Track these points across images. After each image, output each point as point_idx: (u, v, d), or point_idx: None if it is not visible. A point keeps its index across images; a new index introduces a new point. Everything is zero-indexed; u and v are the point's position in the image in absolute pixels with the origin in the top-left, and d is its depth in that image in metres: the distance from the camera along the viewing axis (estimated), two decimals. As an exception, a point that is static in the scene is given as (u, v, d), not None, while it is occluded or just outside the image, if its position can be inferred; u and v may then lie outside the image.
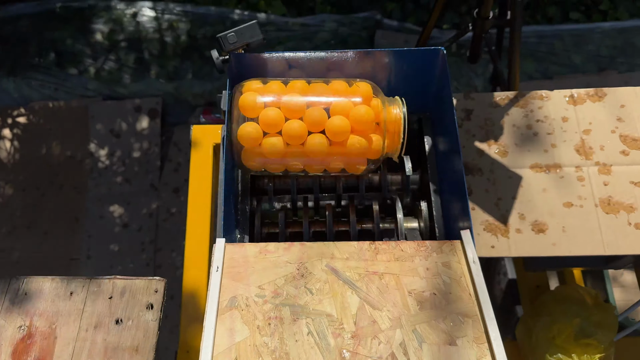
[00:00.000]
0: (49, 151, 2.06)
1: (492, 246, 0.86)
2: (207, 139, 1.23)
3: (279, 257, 0.72)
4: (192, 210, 1.16)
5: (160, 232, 1.91)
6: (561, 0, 2.27)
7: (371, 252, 0.74)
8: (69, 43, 2.12)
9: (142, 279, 0.73)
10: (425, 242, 0.75)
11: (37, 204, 1.97)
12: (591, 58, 2.14)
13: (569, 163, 0.91)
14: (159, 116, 2.08)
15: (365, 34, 2.16)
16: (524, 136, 0.93)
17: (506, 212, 0.88)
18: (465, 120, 0.95)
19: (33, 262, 1.86)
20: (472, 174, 0.91)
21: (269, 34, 2.12)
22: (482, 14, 1.18)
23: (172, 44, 2.12)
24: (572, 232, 0.87)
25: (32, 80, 2.11)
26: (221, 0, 2.23)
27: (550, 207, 0.88)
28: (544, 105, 0.95)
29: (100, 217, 1.92)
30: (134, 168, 2.01)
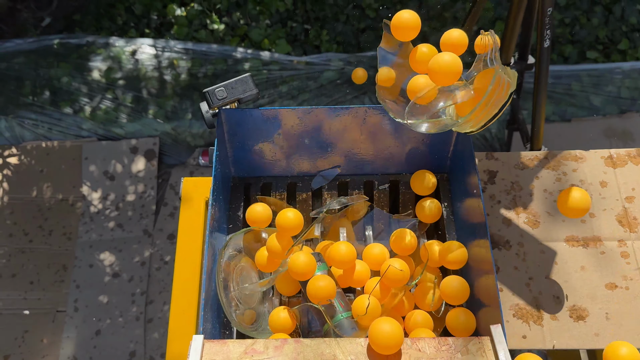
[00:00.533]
0: (40, 194, 1.95)
1: (524, 336, 0.73)
2: (199, 193, 1.12)
3: (268, 359, 0.60)
4: (179, 273, 1.04)
5: (153, 283, 1.78)
6: (578, 40, 2.18)
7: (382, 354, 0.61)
8: (65, 81, 2.04)
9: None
10: (447, 339, 0.62)
11: (24, 250, 1.86)
12: (611, 100, 2.03)
13: (610, 236, 0.78)
14: (156, 157, 1.97)
15: (372, 73, 2.06)
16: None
17: (539, 295, 0.75)
18: (489, 183, 0.83)
19: (16, 315, 1.74)
20: (498, 248, 0.79)
21: (272, 73, 2.03)
22: (503, 60, 1.08)
23: (171, 83, 2.04)
24: (617, 319, 0.73)
25: (26, 120, 2.02)
26: (223, 38, 2.16)
27: (591, 289, 0.75)
28: (579, 167, 0.83)
29: (90, 266, 1.80)
30: (128, 212, 1.90)
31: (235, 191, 0.86)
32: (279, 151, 0.83)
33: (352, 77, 0.73)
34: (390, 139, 0.82)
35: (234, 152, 0.83)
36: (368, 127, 0.80)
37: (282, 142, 0.82)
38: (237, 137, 0.81)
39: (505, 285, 0.76)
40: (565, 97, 2.05)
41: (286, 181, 0.86)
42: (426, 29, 2.17)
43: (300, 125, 0.79)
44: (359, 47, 2.17)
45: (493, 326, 0.62)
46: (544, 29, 0.91)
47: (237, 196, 0.85)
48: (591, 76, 2.06)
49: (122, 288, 1.76)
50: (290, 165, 0.86)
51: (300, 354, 0.60)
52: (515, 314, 0.74)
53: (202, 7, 2.22)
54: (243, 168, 0.86)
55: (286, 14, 2.22)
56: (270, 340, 0.61)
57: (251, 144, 0.82)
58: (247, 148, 0.83)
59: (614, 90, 2.04)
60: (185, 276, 1.04)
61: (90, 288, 1.76)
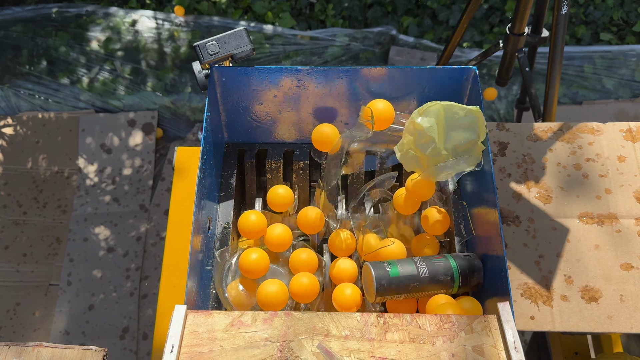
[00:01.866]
0: (35, 166, 1.91)
1: (532, 317, 0.68)
2: (194, 164, 1.07)
3: (257, 332, 0.55)
4: (170, 246, 1.00)
5: (148, 258, 1.74)
6: (591, 20, 2.10)
7: (379, 329, 0.56)
8: (63, 51, 1.99)
9: (74, 349, 0.57)
10: (450, 316, 0.57)
11: (18, 222, 1.82)
12: (625, 83, 1.96)
13: (627, 214, 0.73)
14: (154, 131, 1.92)
15: (379, 49, 2.00)
16: (571, 178, 0.76)
17: (549, 274, 0.70)
18: (499, 155, 0.78)
19: (8, 287, 1.70)
20: (507, 223, 0.74)
21: (275, 47, 1.96)
22: (517, 30, 1.02)
23: (171, 55, 1.98)
24: (633, 302, 0.69)
25: (22, 89, 1.97)
26: (226, 11, 2.09)
27: (605, 269, 0.70)
28: (596, 140, 0.78)
29: (84, 240, 1.76)
30: (124, 187, 1.85)
31: (228, 158, 0.81)
32: (276, 115, 0.78)
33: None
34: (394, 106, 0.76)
35: (227, 115, 0.78)
36: (372, 91, 0.75)
37: (279, 106, 0.77)
38: (231, 99, 0.76)
39: (514, 263, 0.71)
40: (577, 80, 1.98)
41: (283, 148, 0.81)
42: (436, 5, 2.10)
43: (299, 86, 0.74)
44: (366, 23, 2.10)
45: (500, 303, 0.57)
46: (563, -6, 0.85)
47: (230, 163, 0.80)
48: (604, 58, 2.00)
49: (116, 263, 1.72)
50: (287, 131, 0.81)
51: (290, 328, 0.56)
52: (524, 294, 0.70)
53: (204, -22, 2.15)
54: (237, 133, 0.81)
55: (291, -13, 2.16)
56: (259, 312, 0.57)
57: (246, 107, 0.77)
58: (241, 111, 0.77)
59: (628, 74, 1.97)
60: (177, 249, 0.99)
61: (84, 262, 1.72)
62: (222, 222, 0.76)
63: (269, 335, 0.55)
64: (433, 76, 0.72)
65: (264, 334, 0.55)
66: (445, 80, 0.72)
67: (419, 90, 0.74)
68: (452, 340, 0.56)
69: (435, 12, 2.10)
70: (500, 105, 1.91)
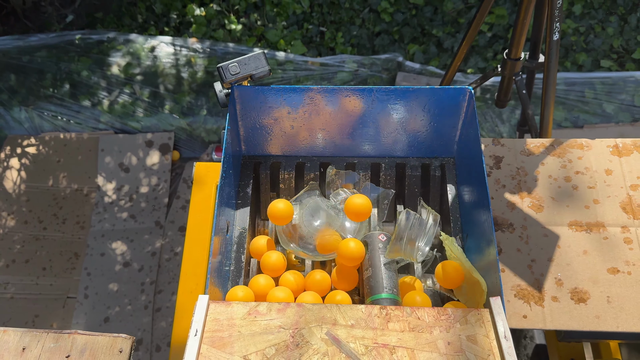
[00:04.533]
0: (56, 183, 1.99)
1: (524, 316, 0.74)
2: (211, 177, 1.14)
3: (271, 320, 0.61)
4: (188, 253, 1.06)
5: (162, 273, 1.80)
6: (592, 48, 2.18)
7: (381, 319, 0.62)
8: (85, 75, 2.09)
9: (105, 336, 0.63)
10: (447, 309, 0.63)
11: (38, 237, 1.90)
12: (625, 108, 2.03)
13: (613, 222, 0.79)
14: (171, 152, 2.01)
15: (386, 75, 2.09)
16: (562, 189, 0.82)
17: (541, 277, 0.76)
18: (495, 168, 0.85)
19: (28, 300, 1.77)
20: (501, 230, 0.80)
21: (287, 73, 2.06)
22: (513, 55, 1.09)
23: (188, 80, 2.08)
24: (619, 303, 0.74)
25: (45, 111, 2.07)
26: (241, 39, 2.20)
27: (593, 272, 0.76)
28: (585, 155, 0.84)
29: (102, 255, 1.83)
30: (141, 204, 1.93)
31: (245, 169, 0.88)
32: (289, 131, 0.85)
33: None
34: (397, 123, 0.83)
35: (245, 130, 0.85)
36: (376, 109, 0.82)
37: (292, 122, 0.84)
38: (249, 115, 0.83)
39: (508, 267, 0.77)
40: (579, 104, 2.05)
41: (295, 161, 0.88)
42: (441, 34, 2.19)
43: (311, 104, 0.81)
44: (374, 50, 2.20)
45: (492, 298, 0.63)
46: (554, 22, 0.93)
47: (247, 174, 0.87)
48: (605, 84, 2.06)
49: (132, 277, 1.79)
50: (299, 145, 0.88)
51: (302, 317, 0.62)
52: (517, 294, 0.75)
53: (220, 8, 2.26)
54: (253, 146, 0.88)
55: (302, 16, 2.26)
56: (273, 303, 0.63)
57: (262, 123, 0.84)
58: (257, 126, 0.85)
59: (627, 99, 2.04)
60: (194, 257, 1.06)
61: (100, 276, 1.79)
62: (239, 227, 0.82)
63: (282, 323, 0.61)
64: (433, 96, 0.79)
65: (278, 322, 0.61)
66: (444, 100, 0.79)
67: (421, 108, 0.81)
68: (448, 330, 0.61)
69: (440, 40, 2.19)
70: (504, 129, 1.98)
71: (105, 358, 0.62)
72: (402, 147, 0.87)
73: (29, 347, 0.63)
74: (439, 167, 0.86)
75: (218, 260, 0.74)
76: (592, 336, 0.89)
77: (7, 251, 1.85)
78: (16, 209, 1.94)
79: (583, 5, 2.27)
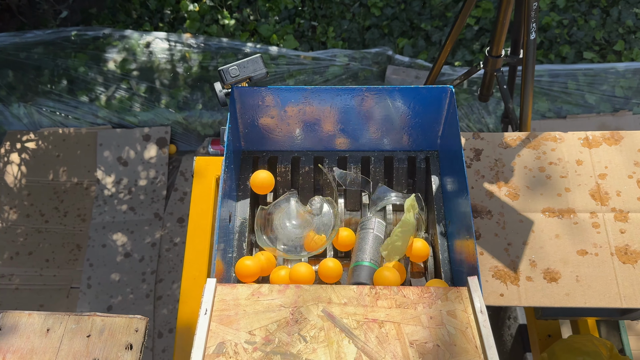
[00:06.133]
0: (56, 177, 2.05)
1: (501, 294, 0.81)
2: (210, 171, 1.21)
3: (273, 300, 0.68)
4: (190, 242, 1.13)
5: (163, 263, 1.87)
6: (575, 40, 2.25)
7: (371, 298, 0.69)
8: (82, 71, 2.14)
9: (122, 317, 0.70)
10: (429, 287, 0.71)
11: (40, 230, 1.95)
12: (606, 98, 2.11)
13: (583, 208, 0.87)
14: (167, 145, 2.07)
15: (376, 68, 2.15)
16: (536, 179, 0.89)
17: (516, 259, 0.83)
18: (475, 160, 0.92)
19: (32, 290, 1.83)
20: (480, 217, 0.87)
21: (280, 67, 2.12)
22: (494, 52, 1.16)
23: (183, 75, 2.13)
24: (587, 282, 0.82)
25: (43, 107, 2.12)
26: (234, 33, 2.25)
27: (563, 254, 0.84)
28: (557, 147, 0.92)
29: (103, 246, 1.90)
30: (140, 197, 1.99)
31: (244, 163, 0.94)
32: (285, 127, 0.92)
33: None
34: (385, 119, 0.90)
35: (244, 127, 0.92)
36: (366, 107, 0.89)
37: (287, 119, 0.91)
38: (248, 114, 0.90)
39: (486, 250, 0.85)
40: (562, 95, 2.12)
41: (291, 155, 0.95)
42: (429, 28, 2.26)
43: (305, 103, 0.88)
44: (364, 44, 2.26)
45: (470, 277, 0.70)
46: (530, 22, 0.99)
47: (246, 167, 0.94)
48: (587, 75, 2.14)
49: (133, 267, 1.85)
50: (294, 141, 0.94)
51: (300, 297, 0.69)
52: (494, 275, 0.83)
53: (213, 3, 2.31)
54: (252, 142, 0.95)
55: (294, 11, 2.32)
56: (274, 285, 0.70)
57: (260, 120, 0.91)
58: (256, 124, 0.91)
59: (609, 89, 2.11)
60: (197, 246, 1.12)
61: (103, 266, 1.85)
62: (240, 217, 0.89)
63: (283, 302, 0.68)
64: (417, 94, 0.86)
65: (279, 301, 0.68)
66: (428, 98, 0.86)
67: (407, 106, 0.88)
68: (430, 306, 0.69)
69: (429, 33, 2.25)
70: (490, 120, 2.06)
71: (123, 337, 0.68)
72: (390, 142, 0.94)
73: (52, 328, 0.70)
74: (424, 159, 0.93)
75: (221, 248, 0.81)
76: (565, 313, 0.97)
77: (11, 244, 1.91)
78: (18, 202, 1.99)
79: (566, -2, 2.34)
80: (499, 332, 1.49)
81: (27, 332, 0.69)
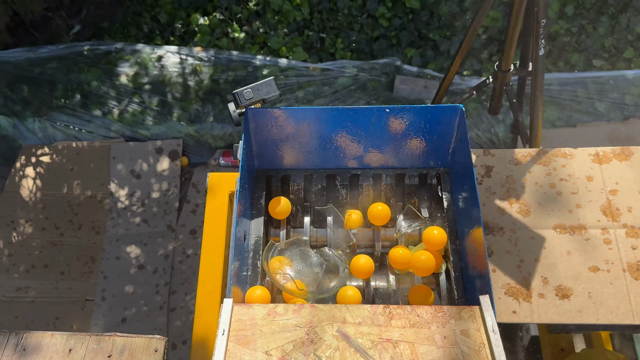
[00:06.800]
0: (70, 190, 2.08)
1: (514, 311, 0.82)
2: (223, 186, 1.23)
3: (288, 319, 0.70)
4: (205, 257, 1.14)
5: (175, 274, 1.89)
6: (584, 48, 2.26)
7: (385, 317, 0.71)
8: (95, 85, 2.17)
9: (142, 337, 0.71)
10: (442, 307, 0.72)
11: (55, 243, 1.98)
12: (616, 106, 2.10)
13: (594, 225, 0.87)
14: (179, 158, 2.09)
15: (384, 79, 2.16)
16: (547, 195, 0.90)
17: (528, 276, 0.84)
18: (486, 177, 0.93)
19: (48, 303, 1.85)
20: (492, 234, 0.88)
21: (289, 79, 2.14)
22: (503, 67, 1.17)
23: (194, 88, 2.16)
24: (599, 298, 0.82)
25: (57, 121, 2.15)
26: (244, 46, 2.27)
27: (575, 271, 0.84)
28: (568, 163, 0.92)
29: (117, 258, 1.92)
30: (153, 209, 2.01)
31: (258, 182, 0.96)
32: (297, 146, 0.94)
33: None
34: (396, 137, 0.91)
35: (258, 147, 0.94)
36: (377, 126, 0.90)
37: (300, 138, 0.92)
38: (261, 133, 0.91)
39: (498, 267, 0.85)
40: (571, 104, 2.12)
41: (303, 173, 0.96)
42: (438, 37, 2.27)
43: (316, 122, 0.89)
44: (372, 55, 2.27)
45: (482, 296, 0.71)
46: (539, 38, 1.00)
47: (260, 186, 0.96)
48: (596, 83, 2.14)
49: (146, 279, 1.87)
50: (306, 159, 0.96)
51: (315, 317, 0.70)
52: (507, 292, 0.84)
53: (223, 17, 2.34)
54: (265, 161, 0.96)
55: (303, 23, 2.34)
56: (290, 305, 0.71)
57: (273, 140, 0.93)
58: (269, 143, 0.93)
59: (619, 97, 2.11)
60: (211, 261, 1.14)
61: (117, 278, 1.87)
62: (255, 236, 0.91)
63: (298, 322, 0.69)
64: (428, 113, 0.87)
65: (294, 321, 0.69)
66: (438, 116, 0.87)
67: (417, 125, 0.89)
68: (444, 325, 0.70)
69: (437, 43, 2.27)
70: (499, 129, 2.06)
71: (143, 357, 0.70)
72: (401, 159, 0.95)
73: (74, 348, 0.71)
74: (435, 176, 0.94)
75: (237, 267, 0.82)
76: (577, 327, 0.97)
77: (27, 257, 1.94)
78: (33, 216, 2.02)
79: (575, 6, 2.34)
80: (511, 344, 1.49)
81: (49, 353, 0.71)
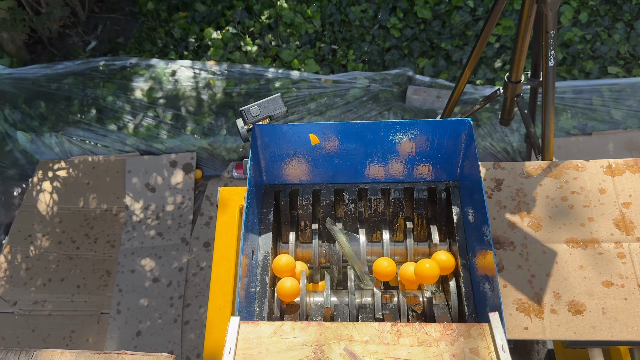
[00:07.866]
0: (86, 204, 2.11)
1: (525, 327, 0.81)
2: (234, 200, 1.23)
3: (295, 338, 0.69)
4: (216, 272, 1.15)
5: (190, 287, 1.90)
6: (599, 55, 2.23)
7: (393, 335, 0.70)
8: (110, 100, 2.20)
9: (150, 355, 0.72)
10: (452, 324, 0.71)
11: (72, 256, 2.01)
12: (632, 114, 2.07)
13: (607, 238, 0.86)
14: (193, 171, 2.11)
15: (397, 89, 2.16)
16: (559, 209, 0.89)
17: (540, 291, 0.83)
18: (496, 190, 0.92)
19: (64, 316, 1.87)
20: (503, 248, 0.87)
21: (301, 91, 2.14)
22: (513, 78, 1.16)
23: (208, 101, 2.18)
24: (613, 314, 0.80)
25: (74, 136, 2.18)
26: (256, 60, 2.29)
27: (588, 286, 0.83)
28: (580, 175, 0.91)
29: (132, 271, 1.94)
30: (167, 222, 2.03)
31: (266, 197, 0.96)
32: (305, 161, 0.94)
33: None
34: (404, 152, 0.91)
35: (266, 163, 0.94)
36: (384, 141, 0.90)
37: (307, 153, 0.92)
38: (269, 150, 0.92)
39: (509, 282, 0.84)
40: (587, 112, 2.09)
41: (311, 188, 0.96)
42: (450, 47, 2.26)
43: (324, 138, 0.89)
44: (384, 66, 2.27)
45: (491, 313, 0.70)
46: (548, 50, 1.00)
47: (268, 202, 0.96)
48: (612, 90, 2.11)
49: (161, 292, 1.88)
50: (314, 174, 0.96)
51: (322, 335, 0.70)
52: (518, 308, 0.82)
53: (236, 30, 2.37)
54: (273, 176, 0.97)
55: (315, 36, 2.35)
56: (297, 322, 0.71)
57: (280, 156, 0.93)
58: (277, 159, 0.93)
59: (635, 104, 2.08)
60: (222, 276, 1.14)
61: (132, 292, 1.89)
62: (263, 251, 0.91)
63: (305, 340, 0.69)
64: (436, 128, 0.87)
65: (301, 339, 0.69)
66: (446, 130, 0.87)
67: (425, 139, 0.89)
68: (453, 343, 0.69)
69: (449, 53, 2.26)
70: (513, 138, 2.04)
71: (151, 375, 0.70)
72: (409, 173, 0.95)
73: (84, 366, 0.72)
74: (444, 190, 0.94)
75: (245, 283, 0.82)
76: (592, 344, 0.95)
77: (44, 270, 1.97)
78: (50, 230, 2.05)
79: (589, 13, 2.32)
80: (527, 358, 1.47)
81: (59, 371, 0.71)
